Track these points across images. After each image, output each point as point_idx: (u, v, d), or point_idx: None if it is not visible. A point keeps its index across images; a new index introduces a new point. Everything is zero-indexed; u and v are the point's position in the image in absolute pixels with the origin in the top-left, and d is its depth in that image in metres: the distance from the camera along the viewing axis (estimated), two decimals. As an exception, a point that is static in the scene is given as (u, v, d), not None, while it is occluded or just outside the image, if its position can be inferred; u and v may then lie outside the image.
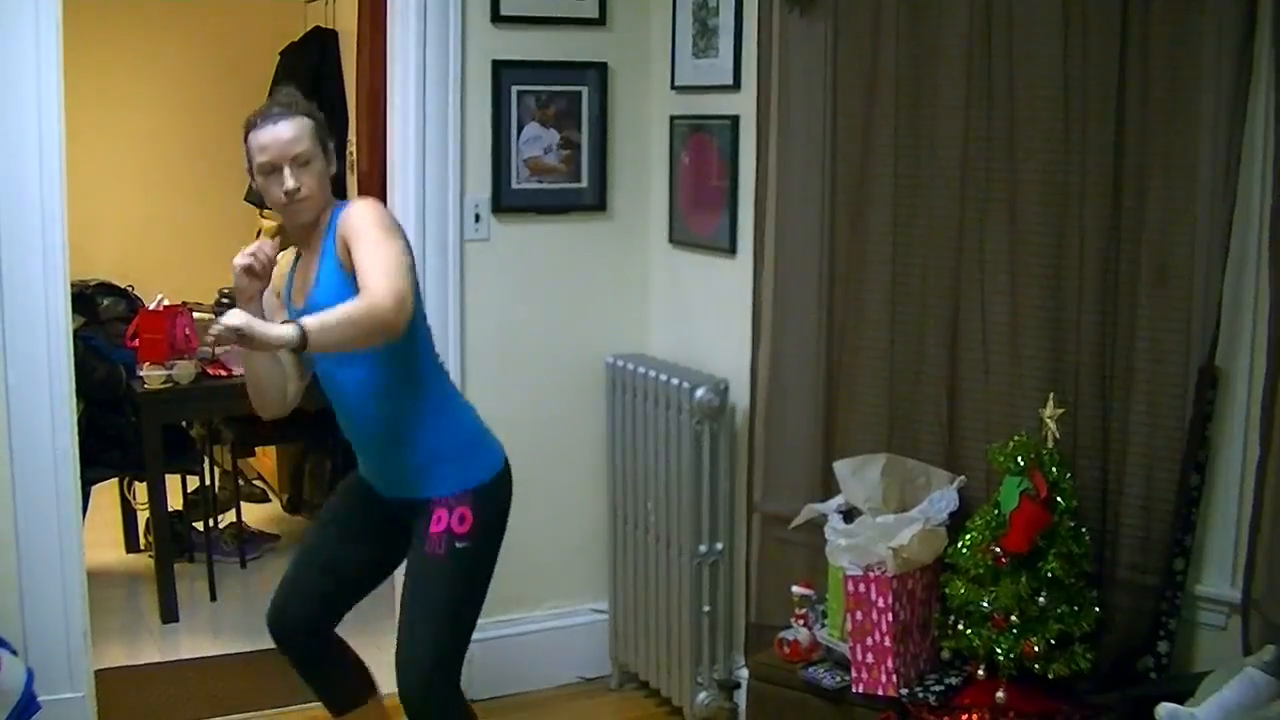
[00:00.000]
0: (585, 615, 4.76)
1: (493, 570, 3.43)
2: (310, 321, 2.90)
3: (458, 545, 3.28)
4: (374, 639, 3.85)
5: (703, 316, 4.47)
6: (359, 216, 3.17)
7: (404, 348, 3.22)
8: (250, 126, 3.26)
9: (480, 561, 3.37)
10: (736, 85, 4.17)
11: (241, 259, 3.21)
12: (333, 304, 3.04)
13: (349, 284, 3.12)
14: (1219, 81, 2.93)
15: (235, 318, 2.85)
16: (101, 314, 5.64)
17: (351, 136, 6.61)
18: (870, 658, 3.33)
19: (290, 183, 3.19)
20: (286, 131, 3.20)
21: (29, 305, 3.91)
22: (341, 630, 3.61)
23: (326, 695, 3.66)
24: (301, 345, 2.87)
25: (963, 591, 3.19)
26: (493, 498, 3.38)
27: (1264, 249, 2.89)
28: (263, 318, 3.15)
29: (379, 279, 3.00)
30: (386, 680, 3.40)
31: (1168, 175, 3.05)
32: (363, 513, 3.51)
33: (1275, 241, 2.84)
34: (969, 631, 3.19)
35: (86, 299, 5.53)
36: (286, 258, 3.44)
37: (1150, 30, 3.03)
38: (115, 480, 5.84)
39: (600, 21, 4.51)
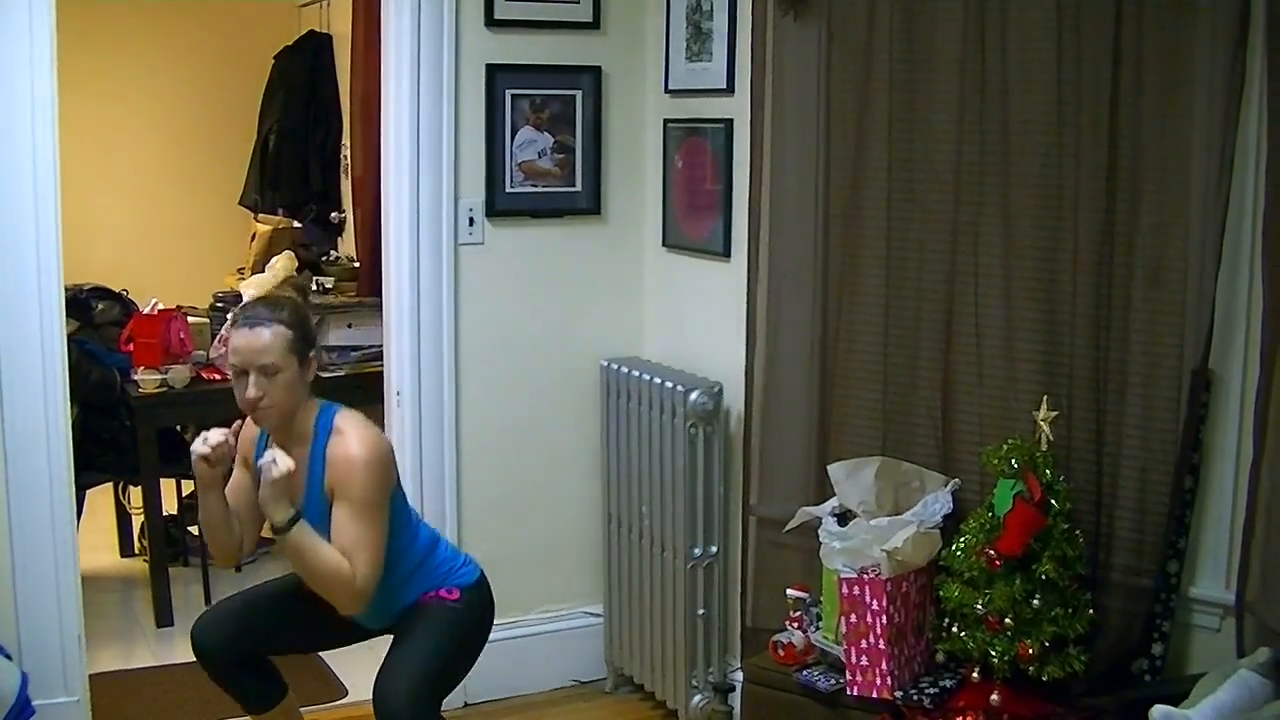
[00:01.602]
0: (580, 618, 4.76)
1: (477, 649, 3.57)
2: (301, 533, 3.22)
3: (449, 604, 3.45)
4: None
5: (697, 320, 4.47)
6: (353, 469, 3.29)
7: None
8: (233, 322, 3.39)
9: (466, 626, 3.50)
10: (730, 89, 4.17)
11: (199, 447, 3.32)
12: (315, 517, 3.28)
13: (327, 504, 3.33)
14: (1212, 85, 2.94)
15: (284, 461, 3.20)
16: (96, 318, 5.63)
17: (346, 141, 6.62)
18: (865, 660, 3.33)
19: (252, 391, 3.27)
20: (259, 341, 3.26)
21: (23, 309, 3.91)
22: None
23: (244, 700, 3.66)
24: (283, 529, 3.21)
25: (957, 594, 3.19)
26: (476, 592, 3.54)
27: (1257, 251, 2.90)
28: (224, 501, 3.45)
29: (365, 566, 3.25)
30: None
31: (1161, 178, 3.06)
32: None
33: (1268, 244, 2.85)
34: (963, 634, 3.19)
35: (81, 303, 5.53)
36: (251, 429, 3.49)
37: (1144, 33, 3.04)
38: (110, 484, 5.83)
39: (594, 25, 4.51)
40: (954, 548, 3.23)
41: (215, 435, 3.33)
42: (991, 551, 3.10)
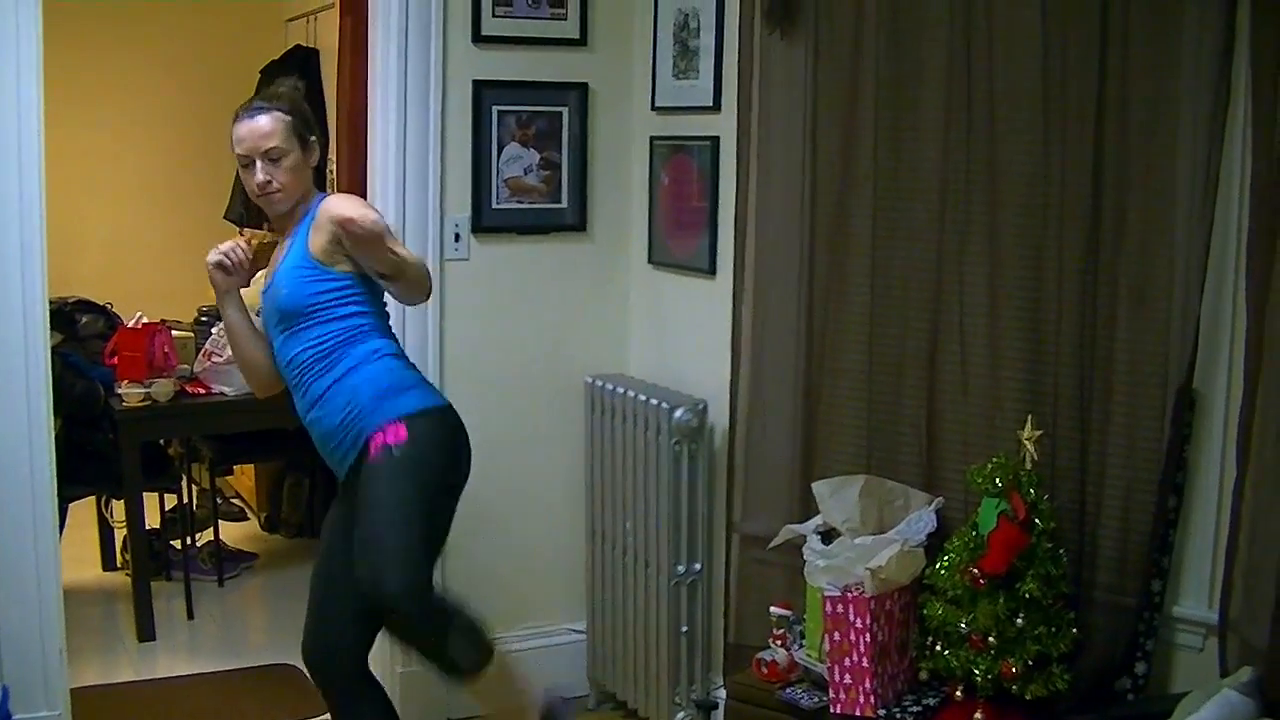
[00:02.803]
0: (563, 635, 4.75)
1: (445, 484, 3.38)
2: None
3: (395, 451, 3.25)
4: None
5: (682, 337, 4.47)
6: (347, 206, 3.32)
7: (337, 324, 3.38)
8: (235, 119, 3.48)
9: (423, 465, 3.29)
10: (717, 106, 4.18)
11: (213, 255, 3.52)
12: (288, 279, 3.35)
13: (307, 261, 3.36)
14: (1197, 102, 2.94)
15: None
16: (80, 331, 5.63)
17: (332, 155, 6.61)
18: (848, 678, 3.33)
19: (260, 176, 3.43)
20: (261, 127, 3.43)
21: (7, 322, 3.90)
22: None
23: None
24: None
25: (941, 612, 3.19)
26: (430, 423, 3.35)
27: (1241, 270, 2.91)
28: (244, 311, 3.55)
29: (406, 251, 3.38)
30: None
31: (1146, 196, 3.06)
32: (348, 516, 3.48)
33: (1252, 263, 2.85)
34: (947, 652, 3.19)
35: (65, 316, 5.52)
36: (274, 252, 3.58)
37: (1128, 51, 3.05)
38: (93, 498, 5.82)
39: (581, 42, 4.52)
40: (938, 566, 3.23)
41: (227, 244, 3.52)
42: (975, 570, 3.10)
